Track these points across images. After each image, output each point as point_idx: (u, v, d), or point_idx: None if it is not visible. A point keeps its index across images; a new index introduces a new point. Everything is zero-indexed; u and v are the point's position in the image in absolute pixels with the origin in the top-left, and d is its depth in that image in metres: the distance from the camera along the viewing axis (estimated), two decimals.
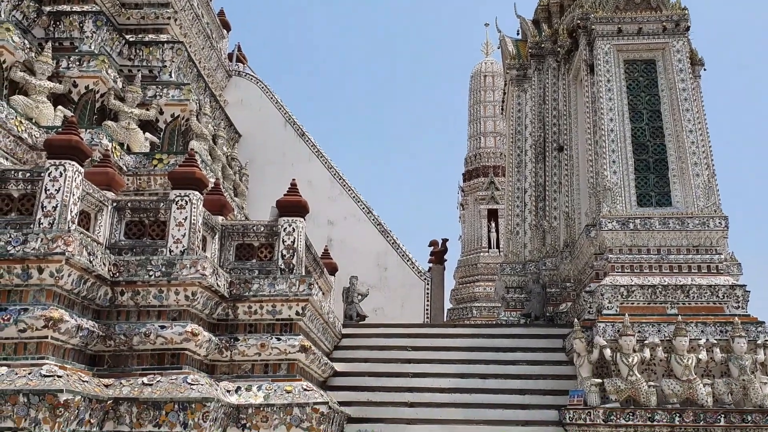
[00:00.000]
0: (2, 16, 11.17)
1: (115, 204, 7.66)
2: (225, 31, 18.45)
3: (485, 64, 27.41)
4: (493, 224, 25.01)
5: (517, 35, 15.64)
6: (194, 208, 7.55)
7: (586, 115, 11.77)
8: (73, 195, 6.73)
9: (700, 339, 9.08)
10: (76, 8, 12.87)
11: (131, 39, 13.80)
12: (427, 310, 16.02)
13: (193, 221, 7.50)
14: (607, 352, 8.98)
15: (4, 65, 10.77)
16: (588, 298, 10.24)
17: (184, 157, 8.43)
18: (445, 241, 17.48)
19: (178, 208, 7.53)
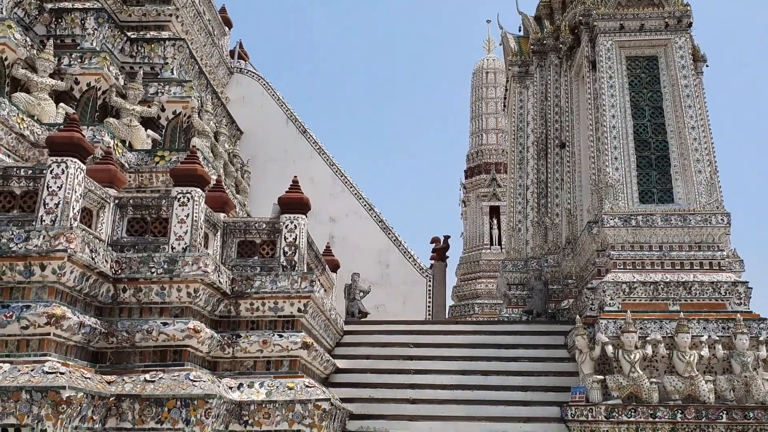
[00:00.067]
0: (4, 13, 11.16)
1: (117, 201, 7.67)
2: (226, 28, 18.44)
3: (487, 60, 27.34)
4: (495, 221, 24.98)
5: (519, 32, 15.61)
6: (196, 205, 7.56)
7: (588, 111, 11.75)
8: (75, 192, 6.73)
9: (702, 336, 9.08)
10: (78, 5, 12.86)
11: (133, 36, 13.79)
12: (429, 307, 16.03)
13: (195, 218, 7.51)
14: (609, 348, 8.98)
15: (5, 62, 10.77)
16: (590, 295, 10.24)
17: (186, 155, 8.43)
18: (446, 238, 17.48)
19: (180, 205, 7.54)
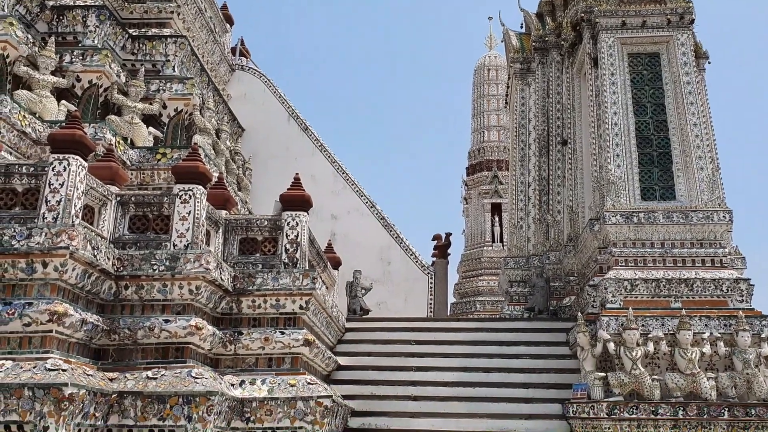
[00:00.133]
0: (5, 10, 11.17)
1: (119, 198, 7.67)
2: (228, 25, 18.43)
3: (489, 57, 27.30)
4: (497, 218, 24.97)
5: (521, 29, 15.60)
6: (198, 202, 7.56)
7: (590, 108, 11.74)
8: (77, 189, 6.73)
9: (704, 333, 9.07)
10: (79, 2, 12.86)
11: (134, 33, 13.79)
12: (431, 304, 16.03)
13: (196, 215, 7.51)
14: (611, 345, 8.98)
15: (7, 60, 10.78)
16: (592, 292, 10.24)
17: (188, 152, 8.43)
18: (448, 235, 17.48)
19: (181, 203, 7.54)
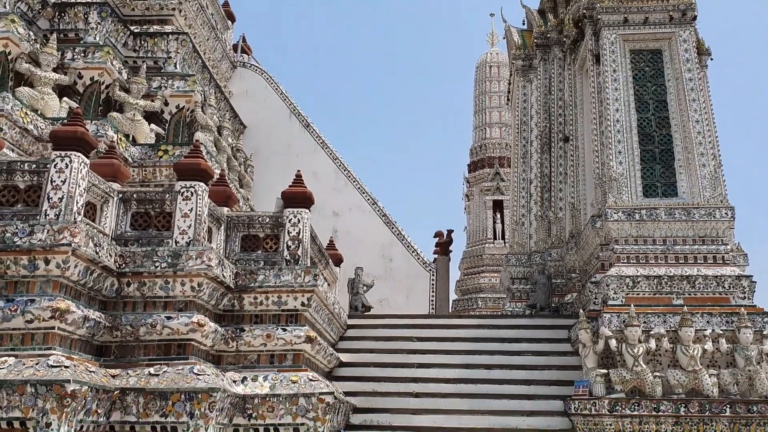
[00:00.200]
0: (7, 7, 11.17)
1: (121, 195, 7.68)
2: (229, 22, 18.42)
3: (490, 54, 27.27)
4: (499, 215, 24.97)
5: (523, 25, 15.57)
6: (200, 199, 7.56)
7: (592, 105, 11.72)
8: (79, 186, 6.74)
9: (706, 329, 9.07)
10: None
11: (136, 30, 13.79)
12: (432, 301, 16.03)
13: (198, 212, 7.51)
14: (613, 342, 8.98)
15: (9, 57, 10.78)
16: (593, 289, 10.24)
17: (190, 149, 8.43)
18: (450, 232, 17.47)
19: (183, 200, 7.54)
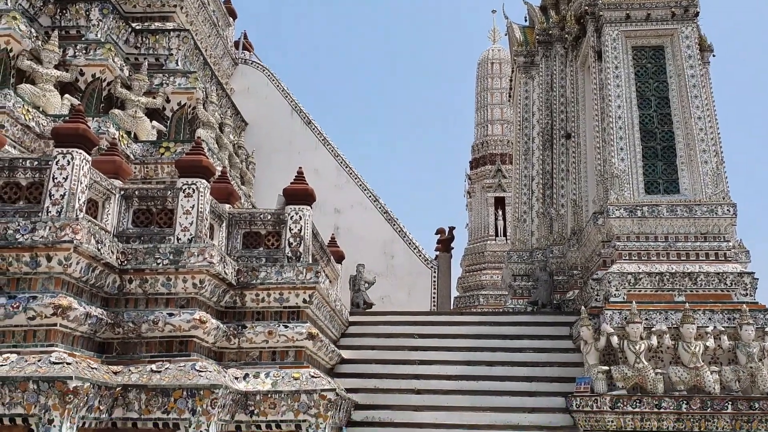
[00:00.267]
0: (8, 4, 11.17)
1: (123, 192, 7.67)
2: (231, 18, 18.41)
3: (492, 51, 27.24)
4: (500, 212, 24.95)
5: (525, 22, 15.55)
6: (201, 196, 7.56)
7: (594, 102, 11.70)
8: (81, 183, 6.74)
9: (708, 326, 9.06)
10: None
11: (137, 27, 13.78)
12: (434, 298, 16.04)
13: (200, 209, 7.51)
14: (614, 339, 8.98)
15: (11, 54, 10.79)
16: (595, 286, 10.23)
17: (191, 146, 8.42)
18: (452, 229, 17.47)
19: (185, 197, 7.54)
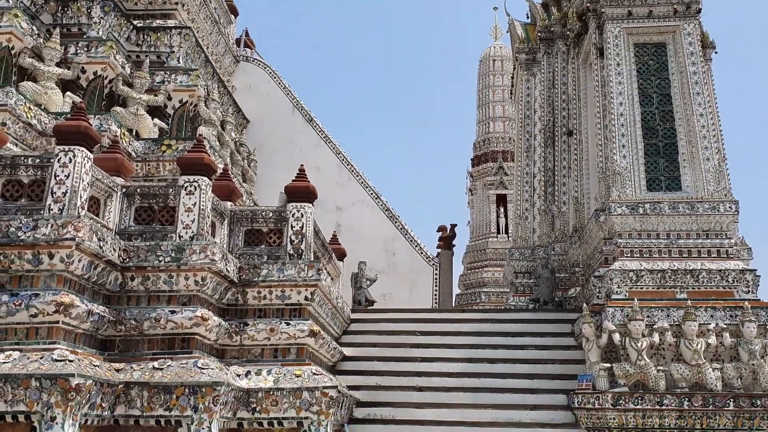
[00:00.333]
0: (10, 2, 11.16)
1: (125, 190, 7.68)
2: (232, 16, 18.37)
3: (494, 48, 27.22)
4: (502, 209, 24.95)
5: (527, 19, 15.52)
6: (203, 193, 7.56)
7: (596, 99, 11.69)
8: (83, 181, 6.74)
9: (710, 324, 9.05)
10: None
11: (139, 24, 13.77)
12: (436, 296, 16.04)
13: (202, 207, 7.52)
14: (616, 336, 8.98)
15: (12, 51, 10.79)
16: (597, 283, 10.22)
17: (193, 143, 8.43)
18: (453, 227, 17.48)
19: (187, 194, 7.54)
